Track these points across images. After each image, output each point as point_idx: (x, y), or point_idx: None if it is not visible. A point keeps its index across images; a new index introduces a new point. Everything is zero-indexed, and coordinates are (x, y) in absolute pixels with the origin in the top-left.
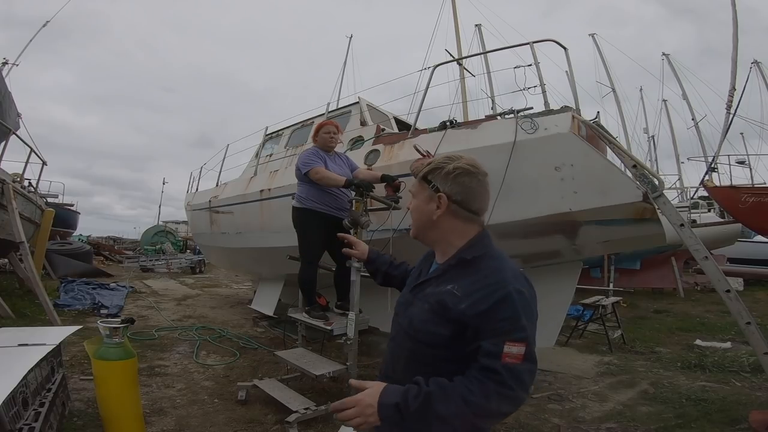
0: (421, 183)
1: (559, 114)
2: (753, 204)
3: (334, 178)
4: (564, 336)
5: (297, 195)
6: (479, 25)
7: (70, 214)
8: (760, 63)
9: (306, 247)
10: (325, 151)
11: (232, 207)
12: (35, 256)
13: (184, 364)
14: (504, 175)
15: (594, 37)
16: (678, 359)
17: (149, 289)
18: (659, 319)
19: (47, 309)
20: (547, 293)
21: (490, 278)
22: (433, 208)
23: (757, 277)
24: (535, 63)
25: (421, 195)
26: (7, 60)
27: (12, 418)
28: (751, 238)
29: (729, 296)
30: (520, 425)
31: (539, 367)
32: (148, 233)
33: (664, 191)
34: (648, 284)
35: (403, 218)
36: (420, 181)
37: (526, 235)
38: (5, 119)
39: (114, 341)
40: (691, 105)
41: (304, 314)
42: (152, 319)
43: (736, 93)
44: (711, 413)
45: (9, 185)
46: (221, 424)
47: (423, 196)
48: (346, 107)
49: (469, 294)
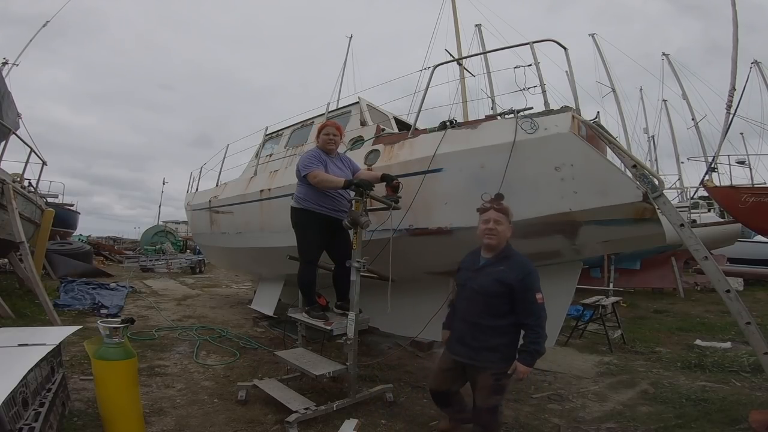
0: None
1: (559, 114)
2: (753, 204)
3: (332, 180)
4: (564, 336)
5: (296, 195)
6: (479, 25)
7: (70, 214)
8: (760, 63)
9: (305, 247)
10: (326, 152)
11: (232, 207)
12: (35, 256)
13: (184, 364)
14: (504, 175)
15: (594, 37)
16: (678, 359)
17: (149, 289)
18: (659, 319)
19: (47, 309)
20: (547, 293)
21: (521, 263)
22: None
23: (757, 277)
24: (535, 63)
25: (507, 223)
26: (7, 60)
27: (12, 418)
28: (751, 238)
29: (729, 296)
30: (520, 425)
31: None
32: (148, 233)
33: (664, 191)
34: (648, 284)
35: (403, 218)
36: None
37: (525, 235)
38: (5, 119)
39: (114, 341)
40: (691, 105)
41: (304, 314)
42: (152, 319)
43: (736, 93)
44: (711, 413)
45: (9, 185)
46: (221, 424)
47: (508, 224)
48: (346, 107)
49: (513, 270)
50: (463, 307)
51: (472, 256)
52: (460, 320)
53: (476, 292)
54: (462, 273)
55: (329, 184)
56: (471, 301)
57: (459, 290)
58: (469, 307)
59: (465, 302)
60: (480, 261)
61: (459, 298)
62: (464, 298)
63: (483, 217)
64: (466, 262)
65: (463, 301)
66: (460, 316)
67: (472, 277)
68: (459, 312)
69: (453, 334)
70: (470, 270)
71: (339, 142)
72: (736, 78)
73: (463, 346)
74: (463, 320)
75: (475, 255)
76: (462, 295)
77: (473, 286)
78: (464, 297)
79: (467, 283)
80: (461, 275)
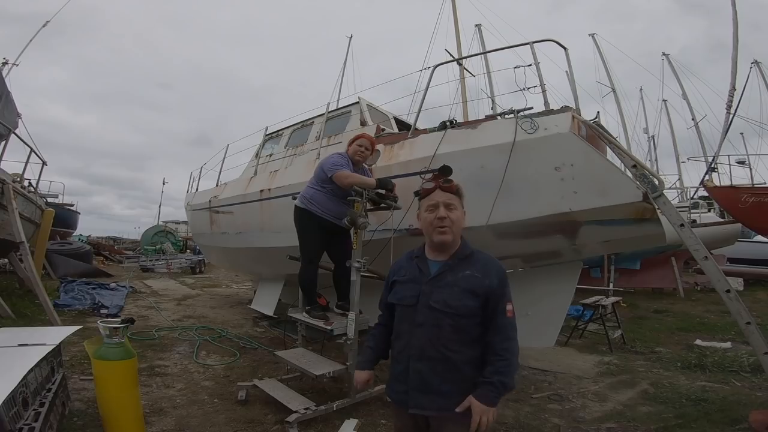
0: (460, 199)
1: (559, 114)
2: (753, 204)
3: (364, 180)
4: (564, 336)
5: (302, 195)
6: (479, 25)
7: (70, 214)
8: (760, 63)
9: (306, 247)
10: (353, 162)
11: (232, 207)
12: (35, 256)
13: (184, 364)
14: (504, 175)
15: (594, 37)
16: (678, 359)
17: (149, 289)
18: (659, 319)
19: (47, 309)
20: (547, 293)
21: (491, 262)
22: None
23: (757, 277)
24: (535, 63)
25: (461, 208)
26: (7, 60)
27: (12, 418)
28: (751, 238)
29: (729, 296)
30: (520, 425)
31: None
32: (148, 233)
33: (664, 191)
34: (648, 284)
35: (403, 218)
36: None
37: (526, 235)
38: (5, 119)
39: (114, 341)
40: (691, 105)
41: (304, 314)
42: (152, 319)
43: (736, 93)
44: (711, 413)
45: (9, 185)
46: (221, 424)
47: (462, 210)
48: (346, 107)
49: (485, 274)
50: (419, 338)
51: (410, 261)
52: (417, 359)
53: (440, 312)
54: (403, 288)
55: (362, 183)
56: (432, 327)
57: (403, 313)
58: (432, 337)
59: (421, 330)
60: (431, 267)
61: (406, 325)
62: (418, 324)
63: (427, 201)
64: (405, 272)
65: (418, 329)
66: (417, 351)
67: (427, 292)
68: (412, 346)
69: (407, 380)
70: (417, 282)
71: (367, 157)
72: (737, 78)
73: (428, 395)
74: (423, 357)
75: (419, 260)
76: (413, 320)
77: (433, 304)
78: (418, 322)
79: (420, 301)
80: (402, 291)
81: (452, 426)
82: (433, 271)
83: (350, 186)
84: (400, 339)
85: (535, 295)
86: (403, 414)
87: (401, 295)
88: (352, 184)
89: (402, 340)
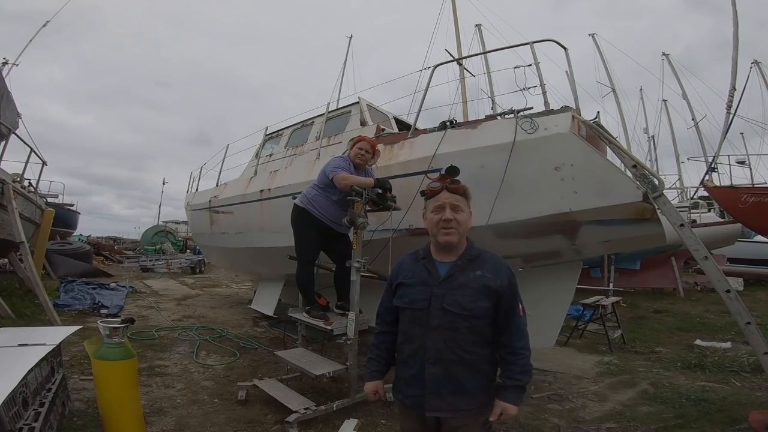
0: (467, 200)
1: (559, 114)
2: (753, 204)
3: (362, 180)
4: (564, 336)
5: (303, 194)
6: (479, 25)
7: (70, 214)
8: (760, 63)
9: (301, 246)
10: (354, 164)
11: (232, 207)
12: (35, 256)
13: (184, 364)
14: (504, 175)
15: (594, 37)
16: (678, 359)
17: (149, 289)
18: (659, 319)
19: (47, 309)
20: (547, 293)
21: (499, 262)
22: (470, 223)
23: (757, 277)
24: (535, 63)
25: (468, 209)
26: (7, 60)
27: (12, 418)
28: (751, 238)
29: (729, 296)
30: (520, 425)
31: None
32: (148, 233)
33: (664, 191)
34: (648, 284)
35: (403, 218)
36: (467, 198)
37: (526, 235)
38: (5, 119)
39: (114, 341)
40: (691, 105)
41: (304, 314)
42: (152, 319)
43: (736, 93)
44: (711, 413)
45: (9, 185)
46: (221, 424)
47: (469, 211)
48: (346, 107)
49: (495, 273)
50: (434, 341)
51: (415, 263)
52: (433, 362)
53: (455, 315)
54: (412, 291)
55: (360, 183)
56: (447, 330)
57: (413, 317)
58: (446, 339)
59: (437, 333)
60: (440, 268)
61: (418, 329)
62: (433, 328)
63: (433, 202)
64: (411, 274)
65: (433, 332)
66: (433, 355)
67: (439, 295)
68: (427, 349)
69: (422, 384)
70: (426, 284)
71: (369, 160)
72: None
73: (446, 397)
74: (440, 360)
75: (426, 261)
76: (427, 323)
77: (447, 307)
78: (433, 326)
79: (432, 304)
80: (411, 294)
81: (470, 427)
82: (442, 272)
83: (349, 187)
84: (412, 343)
85: (535, 295)
86: (413, 417)
87: (410, 299)
88: (351, 184)
89: (414, 343)
